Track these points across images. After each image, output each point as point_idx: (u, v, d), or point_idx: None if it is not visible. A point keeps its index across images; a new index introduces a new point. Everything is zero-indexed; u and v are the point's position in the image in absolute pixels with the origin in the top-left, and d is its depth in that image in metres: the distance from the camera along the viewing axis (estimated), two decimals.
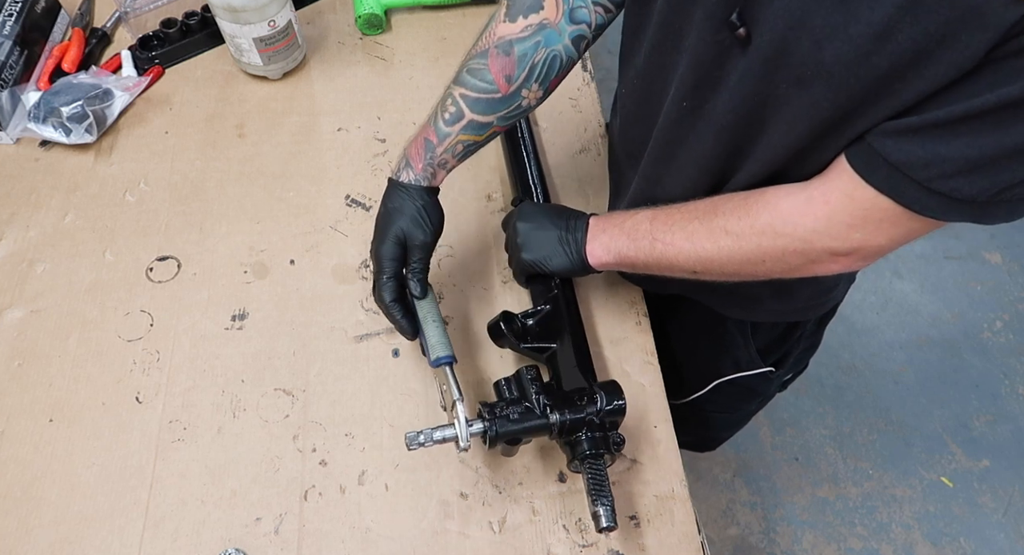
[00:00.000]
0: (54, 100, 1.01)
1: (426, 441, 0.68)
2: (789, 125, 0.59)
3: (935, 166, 0.51)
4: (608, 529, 0.66)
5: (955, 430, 1.89)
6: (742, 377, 0.98)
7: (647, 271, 0.76)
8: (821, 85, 0.54)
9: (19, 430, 0.80)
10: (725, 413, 1.12)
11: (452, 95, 0.75)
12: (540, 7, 0.73)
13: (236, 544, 0.73)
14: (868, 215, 0.57)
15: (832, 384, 1.95)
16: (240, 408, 0.82)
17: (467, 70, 0.75)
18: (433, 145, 0.75)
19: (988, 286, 2.13)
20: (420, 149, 0.76)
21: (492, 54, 0.73)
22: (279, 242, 0.94)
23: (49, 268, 0.92)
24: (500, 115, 0.76)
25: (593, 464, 0.68)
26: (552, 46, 0.74)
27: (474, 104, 0.74)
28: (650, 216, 0.73)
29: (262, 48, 1.04)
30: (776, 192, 0.64)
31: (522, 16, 0.73)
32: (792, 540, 1.74)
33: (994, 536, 1.75)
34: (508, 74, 0.73)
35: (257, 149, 1.03)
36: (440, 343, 0.75)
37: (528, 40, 0.73)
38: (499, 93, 0.74)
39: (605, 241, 0.76)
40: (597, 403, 0.69)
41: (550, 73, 0.75)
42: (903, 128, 0.52)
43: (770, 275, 0.67)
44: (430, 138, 0.76)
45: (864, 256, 0.61)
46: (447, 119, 0.75)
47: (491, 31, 0.74)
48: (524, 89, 0.75)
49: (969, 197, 0.51)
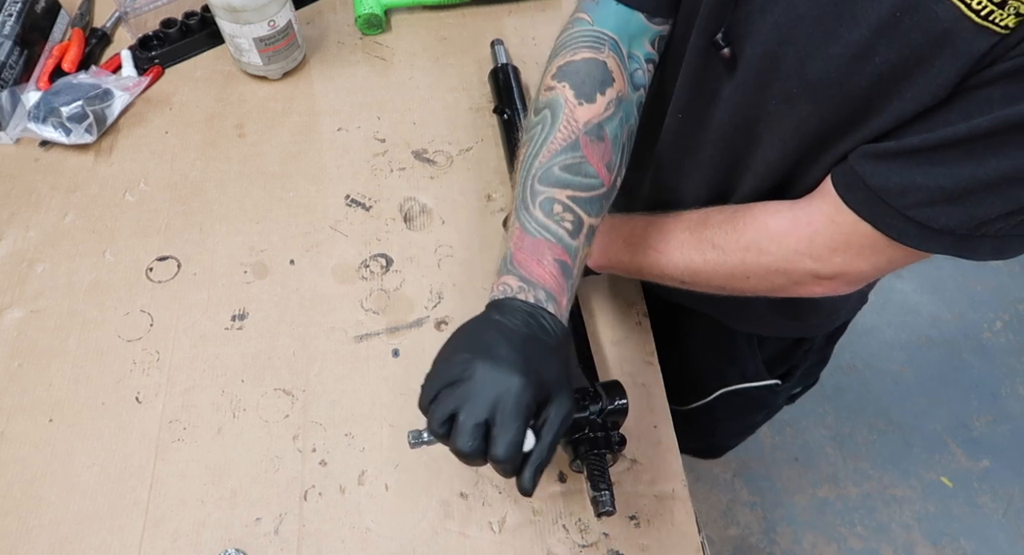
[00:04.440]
0: (54, 100, 1.01)
1: (429, 440, 0.68)
2: (781, 141, 0.60)
3: (912, 194, 0.51)
4: (607, 513, 0.66)
5: (955, 430, 1.89)
6: (748, 388, 0.97)
7: (640, 277, 0.76)
8: (807, 102, 0.54)
9: (19, 430, 0.80)
10: (730, 423, 1.12)
11: (559, 200, 0.59)
12: (611, 80, 0.64)
13: (236, 544, 0.73)
14: (849, 240, 0.57)
15: (832, 384, 1.95)
16: (240, 408, 0.82)
17: (562, 168, 0.60)
18: (570, 267, 0.59)
19: (988, 286, 2.13)
20: (557, 274, 0.58)
21: (585, 143, 0.61)
22: (279, 242, 0.94)
23: (49, 268, 0.92)
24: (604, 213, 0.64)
25: (595, 459, 0.68)
26: (630, 120, 0.65)
27: (587, 205, 0.61)
28: (646, 222, 0.73)
29: (262, 48, 1.04)
30: (765, 209, 0.64)
31: (599, 94, 0.63)
32: (792, 540, 1.74)
33: (994, 536, 1.75)
34: (608, 161, 0.63)
35: (257, 149, 1.03)
36: None
37: (614, 119, 0.63)
38: (604, 187, 0.62)
39: (602, 244, 0.76)
40: (599, 403, 0.69)
41: (630, 149, 0.66)
42: (882, 152, 0.52)
43: (756, 292, 0.67)
44: (563, 259, 0.58)
45: (848, 281, 0.61)
46: (571, 230, 0.59)
47: (567, 118, 0.62)
48: (619, 177, 0.64)
49: (947, 228, 0.51)
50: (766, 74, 0.56)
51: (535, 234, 0.59)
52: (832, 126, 0.55)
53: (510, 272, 0.58)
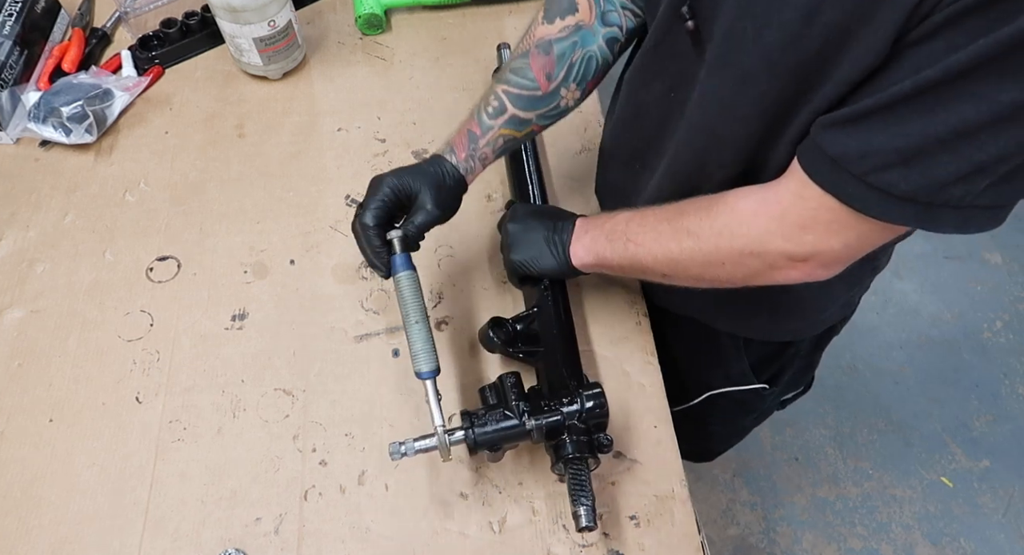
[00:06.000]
0: (54, 100, 1.01)
1: (408, 451, 0.68)
2: (744, 120, 0.61)
3: (869, 158, 0.51)
4: (587, 529, 0.66)
5: (955, 430, 1.89)
6: (734, 392, 0.97)
7: (623, 273, 0.77)
8: (765, 74, 0.56)
9: (19, 430, 0.80)
10: (719, 426, 1.12)
11: (495, 91, 0.77)
12: (575, 9, 0.76)
13: (236, 544, 0.73)
14: (817, 215, 0.57)
15: (832, 384, 1.95)
16: (240, 408, 0.82)
17: (510, 69, 0.77)
18: (476, 137, 0.77)
19: (988, 286, 2.13)
20: (464, 139, 0.77)
21: (533, 54, 0.76)
22: (279, 242, 0.94)
23: (49, 268, 0.92)
24: (540, 113, 0.78)
25: (574, 467, 0.68)
26: (587, 47, 0.77)
27: (516, 100, 0.76)
28: (627, 217, 0.74)
29: (262, 48, 1.04)
30: (736, 194, 0.64)
31: (559, 18, 0.76)
32: (792, 540, 1.74)
33: (994, 536, 1.75)
34: (548, 72, 0.76)
35: (257, 149, 1.03)
36: (423, 352, 0.70)
37: (565, 40, 0.76)
38: (540, 91, 0.76)
39: (587, 242, 0.77)
40: (577, 407, 0.69)
41: (587, 74, 0.78)
42: (838, 119, 0.53)
43: (733, 280, 0.67)
44: (473, 130, 0.77)
45: (823, 263, 0.61)
46: (490, 112, 0.77)
47: (531, 33, 0.78)
48: (563, 88, 0.77)
49: (908, 194, 0.51)
50: (729, 54, 0.58)
51: (470, 115, 0.78)
52: (789, 97, 0.56)
53: (446, 141, 0.79)
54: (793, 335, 0.91)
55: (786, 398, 1.08)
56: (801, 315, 0.86)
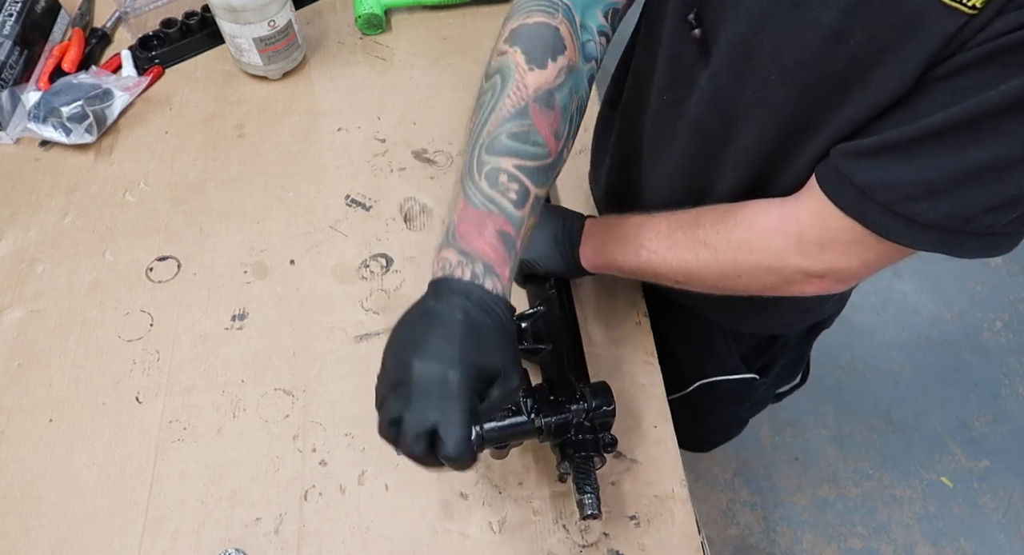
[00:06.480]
0: (54, 100, 1.01)
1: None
2: (757, 132, 0.60)
3: (896, 189, 0.51)
4: (592, 516, 0.66)
5: (955, 430, 1.89)
6: (725, 381, 0.98)
7: (635, 277, 0.76)
8: (784, 87, 0.55)
9: (19, 430, 0.80)
10: (713, 416, 1.13)
11: (505, 170, 0.57)
12: (563, 47, 0.61)
13: (236, 544, 0.73)
14: (837, 236, 0.57)
15: (832, 384, 1.95)
16: (240, 408, 0.82)
17: (509, 136, 0.58)
18: (513, 238, 0.57)
19: (988, 286, 2.13)
20: (499, 246, 0.56)
21: (534, 111, 0.59)
22: (279, 242, 0.94)
23: (49, 268, 0.92)
24: (550, 184, 0.62)
25: (581, 461, 0.68)
26: (579, 91, 0.63)
27: (534, 175, 0.58)
28: (640, 223, 0.73)
29: (262, 48, 1.04)
30: (754, 207, 0.64)
31: (551, 60, 0.60)
32: (792, 540, 1.74)
33: (994, 536, 1.75)
34: (556, 130, 0.60)
35: (257, 149, 1.03)
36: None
37: (564, 87, 0.61)
38: (550, 157, 0.60)
39: (597, 244, 0.77)
40: (585, 405, 0.69)
41: (579, 123, 0.65)
42: (864, 149, 0.53)
43: (749, 291, 0.67)
44: (506, 230, 0.57)
45: (840, 279, 0.61)
46: (515, 200, 0.57)
47: (518, 84, 0.59)
48: (565, 148, 0.62)
49: (935, 223, 0.51)
50: (741, 63, 0.57)
51: (479, 205, 0.57)
52: (808, 115, 0.55)
53: (450, 245, 0.56)
54: (783, 329, 0.91)
55: (782, 391, 1.09)
56: (789, 311, 0.86)
